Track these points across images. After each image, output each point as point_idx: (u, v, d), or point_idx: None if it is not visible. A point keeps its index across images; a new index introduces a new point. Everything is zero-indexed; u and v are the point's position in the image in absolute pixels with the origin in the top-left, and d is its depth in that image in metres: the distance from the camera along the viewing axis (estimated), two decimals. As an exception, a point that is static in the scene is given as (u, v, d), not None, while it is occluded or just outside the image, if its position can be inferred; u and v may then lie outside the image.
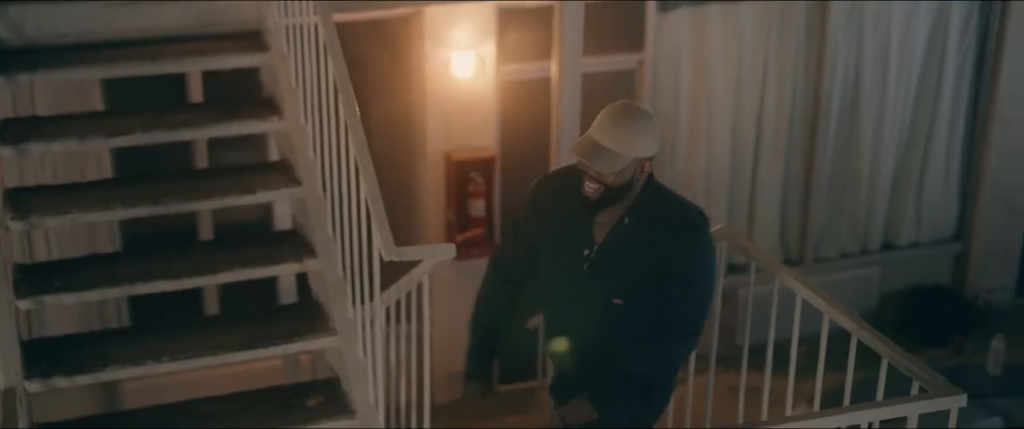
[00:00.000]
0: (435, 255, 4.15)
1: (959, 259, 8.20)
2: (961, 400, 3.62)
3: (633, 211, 3.72)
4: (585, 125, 5.04)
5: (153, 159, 5.79)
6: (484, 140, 6.96)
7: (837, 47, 7.56)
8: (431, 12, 6.52)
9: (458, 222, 7.02)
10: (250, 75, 5.40)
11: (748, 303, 4.42)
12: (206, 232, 6.62)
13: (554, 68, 6.48)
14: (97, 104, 6.34)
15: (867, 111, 7.77)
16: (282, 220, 6.56)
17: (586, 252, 3.77)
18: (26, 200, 4.69)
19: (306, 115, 4.78)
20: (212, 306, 6.70)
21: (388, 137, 6.93)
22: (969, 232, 8.19)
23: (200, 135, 5.24)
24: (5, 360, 3.63)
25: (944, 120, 8.02)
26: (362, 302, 4.38)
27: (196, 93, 6.50)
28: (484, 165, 6.98)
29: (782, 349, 4.35)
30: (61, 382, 4.21)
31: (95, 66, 5.06)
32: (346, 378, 4.64)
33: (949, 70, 7.89)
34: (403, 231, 5.32)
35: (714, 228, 4.21)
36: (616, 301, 3.80)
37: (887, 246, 8.17)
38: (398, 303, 4.81)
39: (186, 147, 6.47)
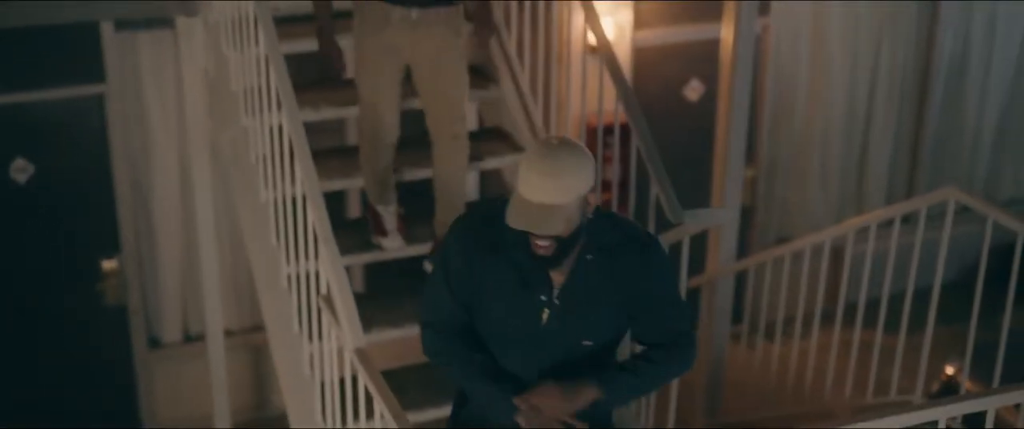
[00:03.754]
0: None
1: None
2: None
3: (592, 246, 3.34)
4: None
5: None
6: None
7: (949, 8, 7.79)
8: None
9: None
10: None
11: (984, 256, 4.64)
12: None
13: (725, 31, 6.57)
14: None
15: (974, 71, 8.03)
16: None
17: (543, 298, 3.36)
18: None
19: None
20: None
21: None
22: (1063, 190, 8.51)
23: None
24: (351, 321, 3.80)
25: (1045, 79, 8.30)
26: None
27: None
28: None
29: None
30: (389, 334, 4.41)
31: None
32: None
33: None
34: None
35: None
36: (586, 343, 3.43)
37: (964, 208, 8.43)
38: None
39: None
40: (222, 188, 6.50)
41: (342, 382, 4.17)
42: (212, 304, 6.12)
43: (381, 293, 5.28)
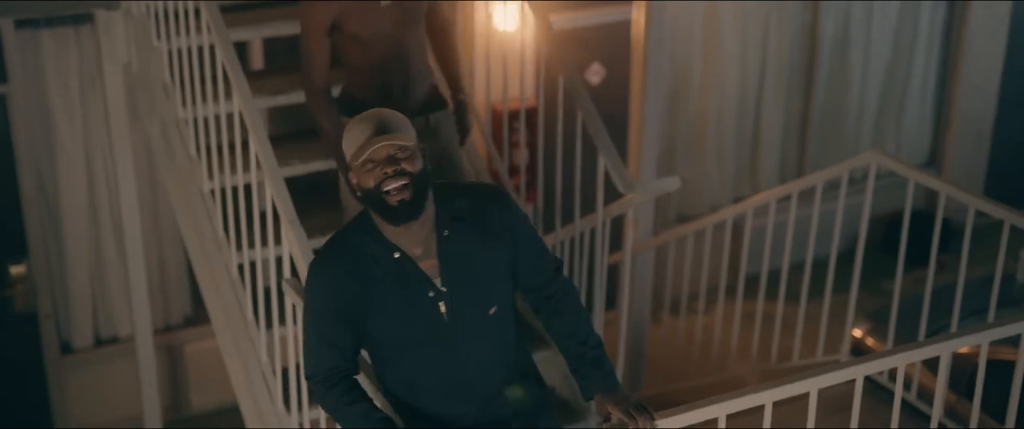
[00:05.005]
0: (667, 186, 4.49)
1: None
2: None
3: (444, 220, 3.28)
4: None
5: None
6: (527, 91, 7.24)
7: (830, -9, 8.13)
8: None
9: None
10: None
11: (906, 217, 4.90)
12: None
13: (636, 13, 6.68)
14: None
15: (855, 49, 8.37)
16: None
17: (431, 295, 3.27)
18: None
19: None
20: None
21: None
22: (942, 159, 8.90)
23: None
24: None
25: (920, 55, 8.67)
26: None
27: (256, 60, 6.61)
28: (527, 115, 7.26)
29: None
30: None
31: (256, 26, 5.20)
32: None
33: (924, 7, 8.53)
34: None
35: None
36: (491, 312, 3.36)
37: (861, 176, 8.81)
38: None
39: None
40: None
41: (298, 368, 4.17)
42: (140, 303, 6.02)
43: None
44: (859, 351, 6.62)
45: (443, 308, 3.28)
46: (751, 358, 6.54)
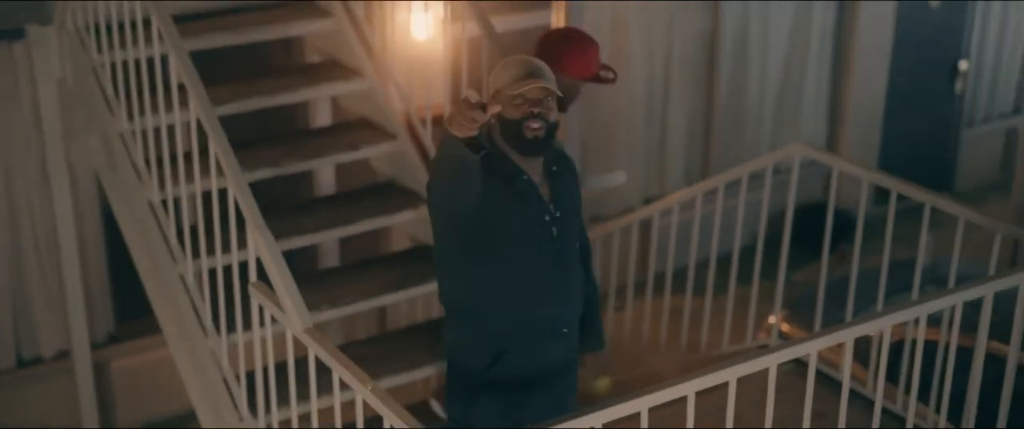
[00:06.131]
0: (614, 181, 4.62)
1: (828, 177, 9.23)
2: None
3: (551, 157, 3.77)
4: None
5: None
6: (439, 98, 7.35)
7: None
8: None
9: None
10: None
11: (831, 202, 5.12)
12: (322, 190, 6.64)
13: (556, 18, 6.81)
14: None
15: (753, 51, 8.66)
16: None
17: (547, 218, 3.73)
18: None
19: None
20: (330, 260, 6.80)
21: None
22: (837, 152, 9.24)
23: (299, 98, 5.49)
24: (296, 303, 3.87)
25: (813, 55, 9.01)
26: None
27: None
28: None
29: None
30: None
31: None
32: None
33: (816, 9, 8.87)
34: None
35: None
36: (575, 246, 3.88)
37: (773, 170, 9.09)
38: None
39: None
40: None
41: (265, 370, 4.22)
42: (77, 319, 5.97)
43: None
44: (781, 338, 6.88)
45: (554, 231, 3.74)
46: (679, 350, 6.73)
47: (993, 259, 4.91)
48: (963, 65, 9.74)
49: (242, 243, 4.32)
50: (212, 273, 4.56)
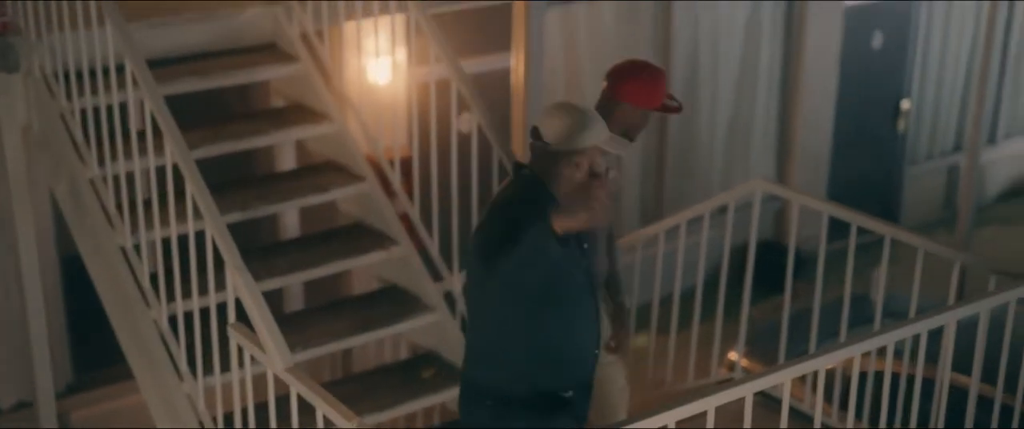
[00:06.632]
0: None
1: (779, 214, 9.39)
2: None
3: None
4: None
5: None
6: (401, 141, 7.40)
7: (678, 35, 8.54)
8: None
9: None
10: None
11: (792, 237, 5.22)
12: (287, 232, 6.68)
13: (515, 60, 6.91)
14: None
15: (703, 90, 8.82)
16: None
17: (580, 251, 3.86)
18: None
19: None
20: (295, 303, 6.78)
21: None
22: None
23: (267, 142, 5.51)
24: (277, 343, 3.89)
25: (762, 92, 9.19)
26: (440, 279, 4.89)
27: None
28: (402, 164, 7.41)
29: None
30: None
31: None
32: (448, 349, 5.11)
33: (764, 46, 9.05)
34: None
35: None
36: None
37: (722, 208, 9.23)
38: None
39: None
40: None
41: (244, 412, 4.23)
42: (42, 369, 5.91)
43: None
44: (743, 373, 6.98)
45: (585, 263, 3.85)
46: (645, 387, 6.81)
47: (952, 288, 5.03)
48: (905, 104, 9.97)
49: (218, 285, 4.33)
50: (187, 316, 4.55)
